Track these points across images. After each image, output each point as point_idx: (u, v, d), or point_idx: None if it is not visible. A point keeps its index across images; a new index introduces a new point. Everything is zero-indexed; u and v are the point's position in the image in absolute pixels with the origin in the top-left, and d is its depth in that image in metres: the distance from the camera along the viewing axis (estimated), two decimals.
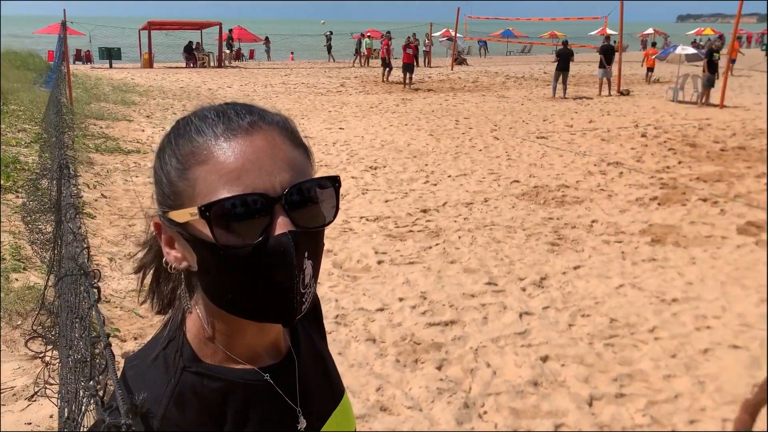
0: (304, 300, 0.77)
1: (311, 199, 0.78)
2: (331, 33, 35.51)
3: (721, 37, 31.83)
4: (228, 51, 30.99)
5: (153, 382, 0.80)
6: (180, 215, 0.77)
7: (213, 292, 0.80)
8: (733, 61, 23.39)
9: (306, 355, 0.96)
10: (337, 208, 0.82)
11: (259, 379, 0.85)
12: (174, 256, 0.81)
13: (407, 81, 21.20)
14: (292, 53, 36.50)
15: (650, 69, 23.77)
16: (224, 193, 0.74)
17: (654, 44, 25.68)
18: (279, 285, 0.75)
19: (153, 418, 0.76)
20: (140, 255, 0.91)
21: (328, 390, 1.00)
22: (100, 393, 0.86)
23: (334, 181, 0.82)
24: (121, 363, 0.86)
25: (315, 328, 1.08)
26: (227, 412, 0.82)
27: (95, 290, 1.10)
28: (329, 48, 34.79)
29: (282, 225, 0.74)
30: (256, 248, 0.74)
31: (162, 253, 0.83)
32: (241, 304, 0.77)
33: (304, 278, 0.76)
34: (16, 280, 4.64)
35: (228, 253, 0.74)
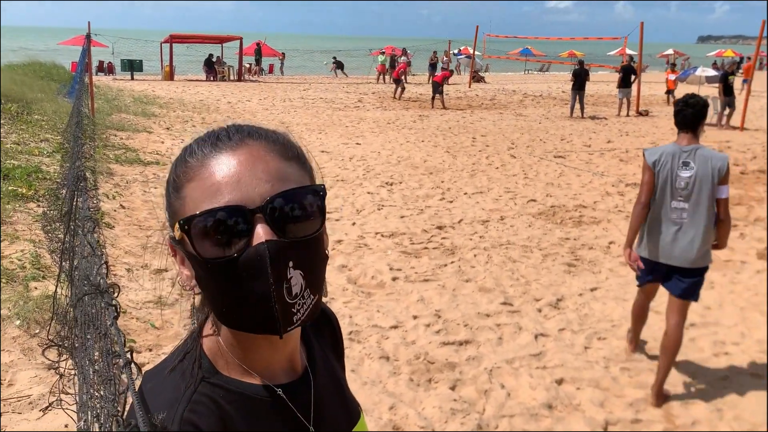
0: (295, 311, 0.77)
1: (296, 208, 0.79)
2: (335, 58, 36.00)
3: (741, 60, 31.57)
4: (256, 65, 31.80)
5: (170, 389, 0.82)
6: (175, 233, 0.80)
7: (210, 305, 0.82)
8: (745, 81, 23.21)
9: (322, 374, 0.96)
10: (324, 217, 0.83)
11: (273, 395, 0.85)
12: (186, 274, 0.84)
13: (437, 100, 20.53)
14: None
15: (669, 91, 23.59)
16: (205, 208, 0.76)
17: (674, 65, 25.48)
18: (257, 295, 0.76)
19: (170, 422, 0.77)
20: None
21: (343, 411, 1.00)
22: (119, 410, 0.86)
23: (319, 190, 0.83)
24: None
25: (332, 348, 1.08)
26: (241, 425, 0.82)
27: (113, 308, 1.11)
28: (337, 66, 35.05)
29: (259, 235, 0.75)
30: (234, 259, 0.75)
31: None
32: (230, 316, 0.79)
33: (290, 288, 0.76)
34: (36, 288, 4.69)
35: (212, 266, 0.77)
